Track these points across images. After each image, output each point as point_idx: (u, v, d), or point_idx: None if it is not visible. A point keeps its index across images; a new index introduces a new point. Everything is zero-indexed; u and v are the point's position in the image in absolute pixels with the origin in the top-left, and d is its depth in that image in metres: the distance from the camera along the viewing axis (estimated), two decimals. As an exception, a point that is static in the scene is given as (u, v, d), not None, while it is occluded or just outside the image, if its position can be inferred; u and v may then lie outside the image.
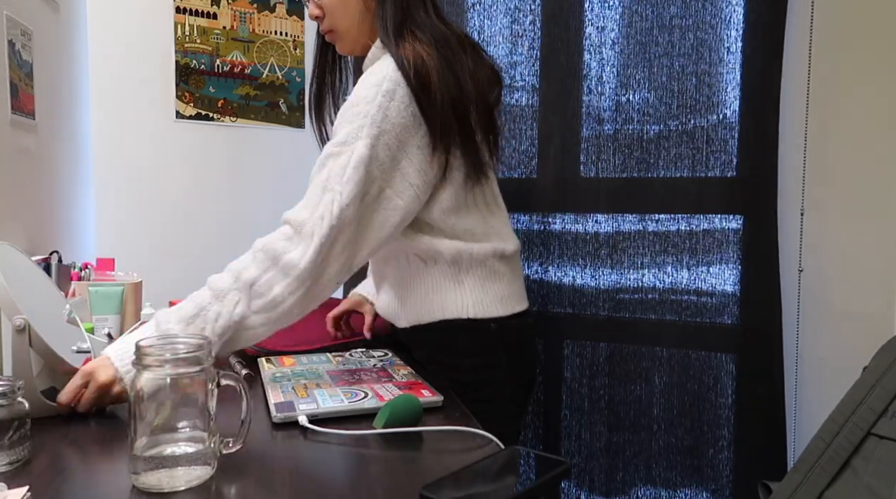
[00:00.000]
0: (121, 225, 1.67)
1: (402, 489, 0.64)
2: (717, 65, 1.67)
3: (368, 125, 0.95)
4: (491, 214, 1.12)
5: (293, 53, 1.78)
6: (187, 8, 1.70)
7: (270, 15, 1.76)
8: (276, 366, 1.03)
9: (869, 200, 1.71)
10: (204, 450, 0.66)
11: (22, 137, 1.26)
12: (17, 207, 1.24)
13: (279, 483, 0.65)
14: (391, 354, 1.14)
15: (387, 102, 0.96)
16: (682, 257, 1.70)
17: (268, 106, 1.77)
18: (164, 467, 0.63)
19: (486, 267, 1.10)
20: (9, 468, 0.67)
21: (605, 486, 1.77)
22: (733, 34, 1.66)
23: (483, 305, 1.09)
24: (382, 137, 0.96)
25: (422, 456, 0.74)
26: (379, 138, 0.95)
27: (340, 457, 0.72)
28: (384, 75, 0.97)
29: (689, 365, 1.70)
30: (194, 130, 1.72)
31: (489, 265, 1.10)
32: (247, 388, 0.71)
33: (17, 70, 1.22)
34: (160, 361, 0.64)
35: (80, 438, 0.77)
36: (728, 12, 1.65)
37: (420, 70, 0.97)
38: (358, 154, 0.94)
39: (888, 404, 1.30)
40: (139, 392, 0.63)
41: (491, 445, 0.76)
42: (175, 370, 0.64)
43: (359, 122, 0.95)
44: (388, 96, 0.96)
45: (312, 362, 1.06)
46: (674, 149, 1.67)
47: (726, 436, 1.68)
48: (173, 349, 0.66)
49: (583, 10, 1.69)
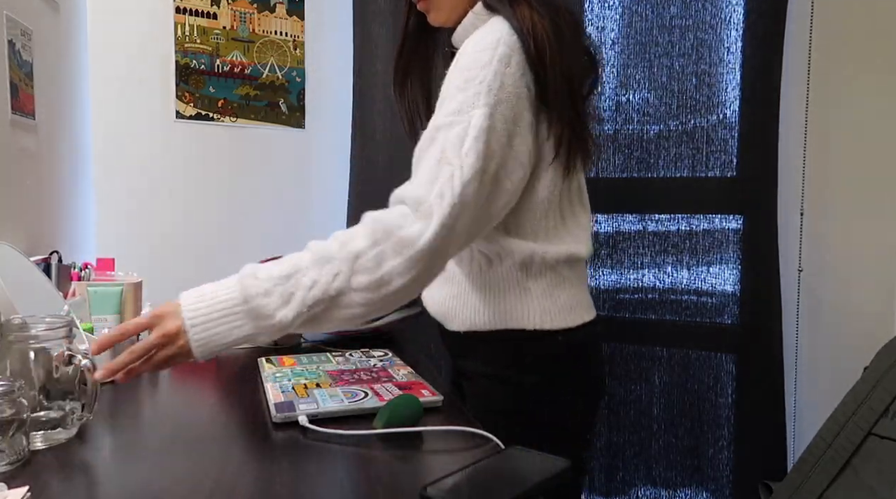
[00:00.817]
0: (121, 225, 1.67)
1: (402, 489, 0.64)
2: (717, 65, 1.67)
3: (485, 93, 0.83)
4: (573, 215, 0.99)
5: (293, 53, 1.78)
6: (187, 8, 1.70)
7: (270, 15, 1.76)
8: (276, 366, 1.03)
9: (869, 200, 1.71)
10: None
11: (22, 137, 1.25)
12: (17, 207, 1.24)
13: (279, 483, 0.65)
14: (391, 354, 1.14)
15: (503, 68, 0.84)
16: (682, 257, 1.69)
17: (268, 106, 1.77)
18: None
19: (556, 273, 0.96)
20: (9, 468, 0.67)
21: (605, 486, 1.77)
22: (733, 34, 1.66)
23: (550, 314, 0.95)
24: (499, 107, 0.83)
25: (422, 456, 0.74)
26: (496, 107, 0.83)
27: (340, 457, 0.72)
28: (498, 38, 0.85)
29: (689, 365, 1.70)
30: (194, 130, 1.72)
31: (559, 271, 0.96)
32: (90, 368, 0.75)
33: (17, 70, 1.22)
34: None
35: (80, 437, 0.77)
36: (728, 12, 1.65)
37: (538, 38, 0.86)
38: (476, 124, 0.82)
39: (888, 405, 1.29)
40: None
41: (491, 445, 0.76)
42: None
43: (473, 89, 0.83)
44: (504, 62, 0.85)
45: (312, 362, 1.06)
46: (674, 149, 1.67)
47: (726, 436, 1.68)
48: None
49: (583, 10, 1.69)
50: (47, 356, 0.74)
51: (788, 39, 1.65)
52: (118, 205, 1.67)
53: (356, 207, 1.70)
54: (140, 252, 1.67)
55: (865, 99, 1.70)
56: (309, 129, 1.80)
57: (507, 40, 0.85)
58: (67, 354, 0.75)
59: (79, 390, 0.76)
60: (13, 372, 0.73)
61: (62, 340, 0.76)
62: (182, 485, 0.64)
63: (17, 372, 0.73)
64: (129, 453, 0.73)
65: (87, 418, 0.77)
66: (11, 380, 0.69)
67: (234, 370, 1.09)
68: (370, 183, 1.70)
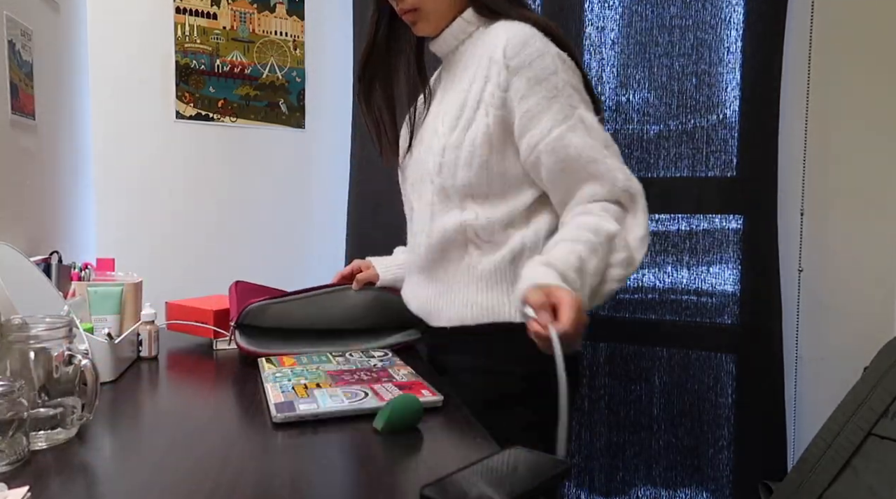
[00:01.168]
0: (121, 225, 1.67)
1: (402, 489, 0.64)
2: (717, 65, 1.67)
3: (569, 94, 0.93)
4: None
5: (293, 54, 1.78)
6: (187, 8, 1.70)
7: (270, 15, 1.76)
8: (276, 366, 1.03)
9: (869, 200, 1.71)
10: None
11: (22, 137, 1.26)
12: (17, 207, 1.24)
13: (279, 483, 0.65)
14: (391, 354, 1.14)
15: (564, 65, 0.94)
16: (682, 257, 1.69)
17: (268, 106, 1.77)
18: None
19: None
20: (9, 468, 0.67)
21: (605, 486, 1.77)
22: (733, 34, 1.66)
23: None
24: (584, 101, 0.96)
25: (422, 456, 0.74)
26: (584, 102, 0.95)
27: (340, 457, 0.72)
28: (536, 42, 0.93)
29: (689, 365, 1.70)
30: (194, 130, 1.72)
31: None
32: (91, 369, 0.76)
33: (17, 70, 1.22)
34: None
35: (80, 437, 0.77)
36: (728, 12, 1.65)
37: (558, 34, 0.95)
38: (588, 120, 0.93)
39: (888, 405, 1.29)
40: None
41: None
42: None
43: (563, 96, 0.93)
44: (562, 59, 0.93)
45: (313, 362, 1.06)
46: (674, 149, 1.67)
47: (726, 436, 1.68)
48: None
49: (583, 10, 1.69)
50: (47, 356, 0.74)
51: (788, 39, 1.65)
52: (118, 205, 1.67)
53: (356, 207, 1.70)
54: (140, 252, 1.67)
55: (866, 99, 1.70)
56: (309, 129, 1.80)
57: (544, 41, 0.93)
58: (67, 355, 0.75)
59: (79, 390, 0.76)
60: (13, 372, 0.73)
61: (62, 340, 0.76)
62: (182, 485, 0.64)
63: (17, 372, 0.73)
64: (129, 453, 0.73)
65: (87, 418, 0.77)
66: (11, 380, 0.69)
67: (234, 370, 1.09)
68: (370, 183, 1.70)
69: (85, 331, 0.96)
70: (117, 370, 1.02)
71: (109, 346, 0.99)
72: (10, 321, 0.76)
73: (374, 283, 1.23)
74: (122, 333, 1.11)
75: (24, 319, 0.76)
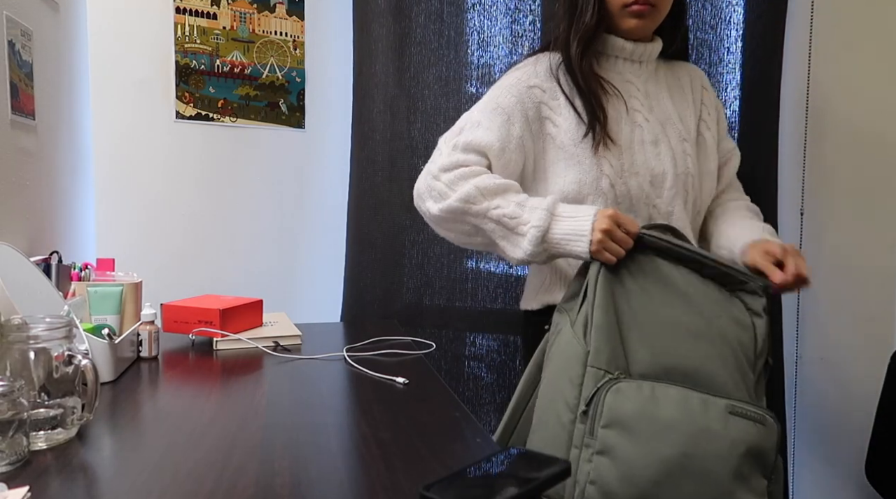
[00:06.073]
0: (121, 225, 1.67)
1: (402, 489, 0.64)
2: (717, 65, 1.67)
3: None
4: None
5: (293, 54, 1.78)
6: (187, 8, 1.70)
7: (270, 15, 1.76)
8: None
9: (869, 200, 1.71)
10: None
11: (22, 137, 1.26)
12: (17, 207, 1.24)
13: (279, 484, 0.65)
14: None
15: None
16: (682, 257, 1.69)
17: (268, 106, 1.77)
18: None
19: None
20: (9, 468, 0.67)
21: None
22: (733, 34, 1.66)
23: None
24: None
25: (422, 456, 0.74)
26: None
27: (341, 457, 0.72)
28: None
29: (689, 365, 1.70)
30: (194, 130, 1.72)
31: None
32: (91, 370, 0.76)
33: (17, 70, 1.22)
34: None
35: (80, 437, 0.77)
36: (728, 12, 1.65)
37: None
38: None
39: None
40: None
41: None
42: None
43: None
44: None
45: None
46: (674, 149, 1.67)
47: (726, 436, 1.68)
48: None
49: (583, 10, 1.69)
50: (47, 356, 0.74)
51: (788, 39, 1.65)
52: (118, 205, 1.67)
53: (356, 207, 1.69)
54: (140, 252, 1.67)
55: (865, 99, 1.70)
56: (309, 129, 1.80)
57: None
58: (67, 355, 0.75)
59: (79, 391, 0.76)
60: (13, 372, 0.73)
61: (62, 340, 0.76)
62: (182, 485, 0.64)
63: (17, 372, 0.73)
64: (129, 454, 0.73)
65: (87, 418, 0.77)
66: (11, 380, 0.69)
67: (234, 370, 1.09)
68: (370, 183, 1.70)
69: (85, 331, 0.96)
70: (117, 370, 1.02)
71: (109, 346, 0.99)
72: (10, 321, 0.75)
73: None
74: (123, 333, 1.11)
75: (24, 319, 0.76)
